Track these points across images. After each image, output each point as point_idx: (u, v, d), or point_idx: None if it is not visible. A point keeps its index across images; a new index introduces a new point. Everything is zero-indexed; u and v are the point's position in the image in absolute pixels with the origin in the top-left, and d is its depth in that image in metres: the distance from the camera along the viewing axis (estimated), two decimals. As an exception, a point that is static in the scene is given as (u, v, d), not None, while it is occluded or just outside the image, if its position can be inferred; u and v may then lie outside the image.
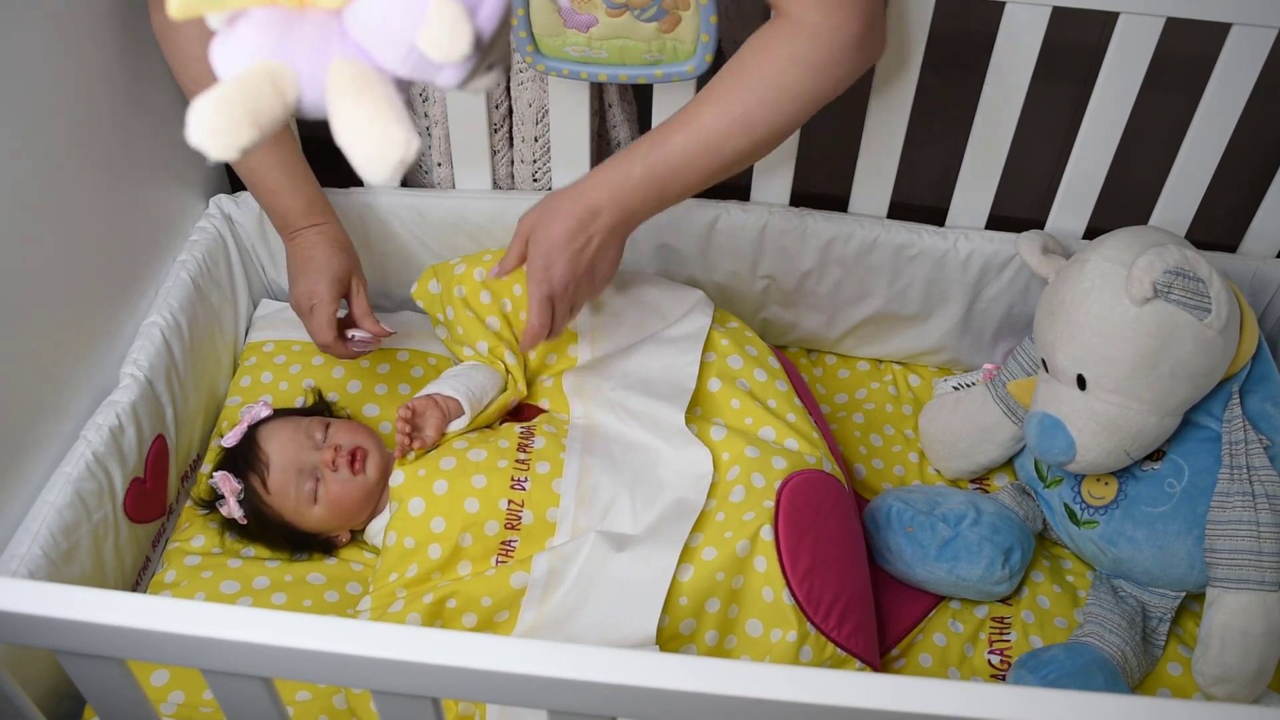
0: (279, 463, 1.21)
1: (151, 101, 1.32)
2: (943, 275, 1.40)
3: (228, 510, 1.23)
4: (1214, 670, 1.14)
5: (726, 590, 1.08)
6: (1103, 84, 1.25)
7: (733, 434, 1.17)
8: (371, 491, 1.23)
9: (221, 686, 0.72)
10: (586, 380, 1.26)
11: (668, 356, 1.25)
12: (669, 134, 1.09)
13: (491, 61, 0.56)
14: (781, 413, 1.21)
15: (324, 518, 1.23)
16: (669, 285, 1.33)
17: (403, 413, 1.17)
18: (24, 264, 1.12)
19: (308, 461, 1.21)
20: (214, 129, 0.51)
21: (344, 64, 0.54)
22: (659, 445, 1.18)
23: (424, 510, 1.13)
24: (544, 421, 1.23)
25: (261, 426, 1.25)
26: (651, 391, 1.22)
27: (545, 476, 1.15)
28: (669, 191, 1.10)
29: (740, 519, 1.10)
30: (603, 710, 0.67)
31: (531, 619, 1.08)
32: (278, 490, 1.21)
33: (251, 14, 0.54)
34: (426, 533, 1.12)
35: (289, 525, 1.23)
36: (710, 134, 1.08)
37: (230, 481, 1.22)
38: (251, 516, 1.23)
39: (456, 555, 1.12)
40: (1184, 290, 1.11)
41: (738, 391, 1.22)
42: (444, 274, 1.35)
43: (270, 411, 1.27)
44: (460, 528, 1.12)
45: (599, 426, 1.22)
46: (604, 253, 1.12)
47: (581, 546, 1.09)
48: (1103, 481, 1.23)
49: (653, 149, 1.09)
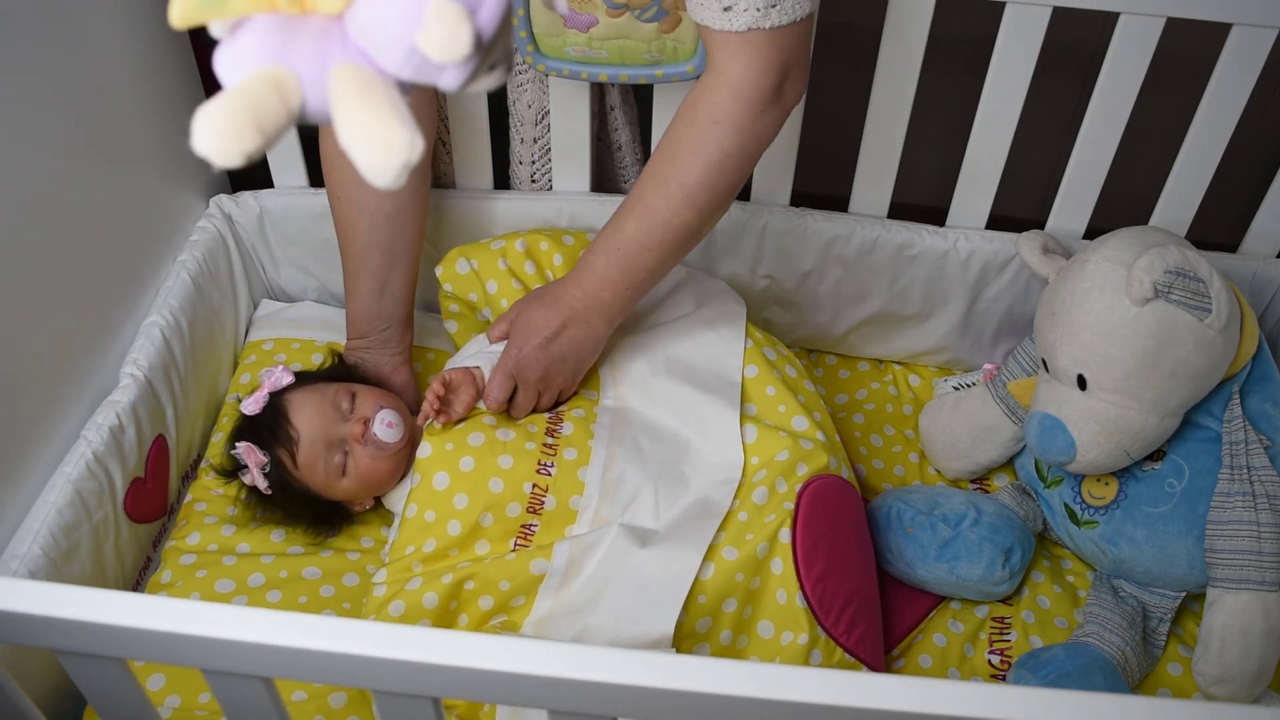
0: (308, 437, 1.19)
1: (152, 102, 1.33)
2: (943, 275, 1.40)
3: (250, 480, 1.21)
4: (1214, 670, 1.14)
5: (744, 591, 1.09)
6: (1103, 84, 1.25)
7: (764, 432, 1.16)
8: (400, 463, 1.23)
9: (222, 686, 0.72)
10: (620, 358, 1.25)
11: (711, 344, 1.24)
12: (622, 221, 1.12)
13: (493, 62, 0.56)
14: (810, 408, 1.22)
15: (352, 490, 1.22)
16: (693, 271, 1.34)
17: (435, 386, 1.16)
18: (24, 263, 1.12)
19: (336, 434, 1.20)
20: (218, 136, 0.51)
21: (346, 68, 0.54)
22: (696, 439, 1.17)
23: (448, 485, 1.12)
24: (573, 406, 1.22)
25: (287, 396, 1.22)
26: (698, 382, 1.21)
27: (572, 463, 1.15)
28: (635, 278, 1.13)
29: (762, 520, 1.10)
30: (604, 710, 0.67)
31: (547, 606, 1.08)
32: (306, 464, 1.19)
33: (253, 21, 0.54)
34: (449, 508, 1.12)
35: (315, 496, 1.22)
36: (656, 214, 1.10)
37: (255, 454, 1.19)
38: (276, 488, 1.21)
39: (475, 534, 1.12)
40: (1184, 290, 1.11)
41: (774, 380, 1.22)
42: (479, 252, 1.33)
43: (292, 378, 1.24)
44: (483, 506, 1.12)
45: (630, 411, 1.21)
46: (577, 344, 1.16)
47: (603, 538, 1.09)
48: (1103, 481, 1.23)
49: (610, 238, 1.13)
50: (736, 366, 1.22)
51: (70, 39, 1.17)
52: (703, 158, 1.07)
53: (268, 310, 1.51)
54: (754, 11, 1.00)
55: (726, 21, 1.01)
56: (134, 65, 1.29)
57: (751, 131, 1.06)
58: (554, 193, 1.43)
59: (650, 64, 1.22)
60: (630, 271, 1.13)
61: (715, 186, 1.08)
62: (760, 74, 1.03)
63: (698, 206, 1.09)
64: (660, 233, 1.10)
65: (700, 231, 1.13)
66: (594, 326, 1.16)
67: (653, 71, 1.22)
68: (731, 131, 1.05)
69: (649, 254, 1.12)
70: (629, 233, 1.11)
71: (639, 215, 1.11)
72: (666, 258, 1.13)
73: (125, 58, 1.27)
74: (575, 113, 1.34)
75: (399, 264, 1.28)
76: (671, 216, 1.09)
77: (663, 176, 1.09)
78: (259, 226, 1.46)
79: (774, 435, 1.16)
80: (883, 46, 1.26)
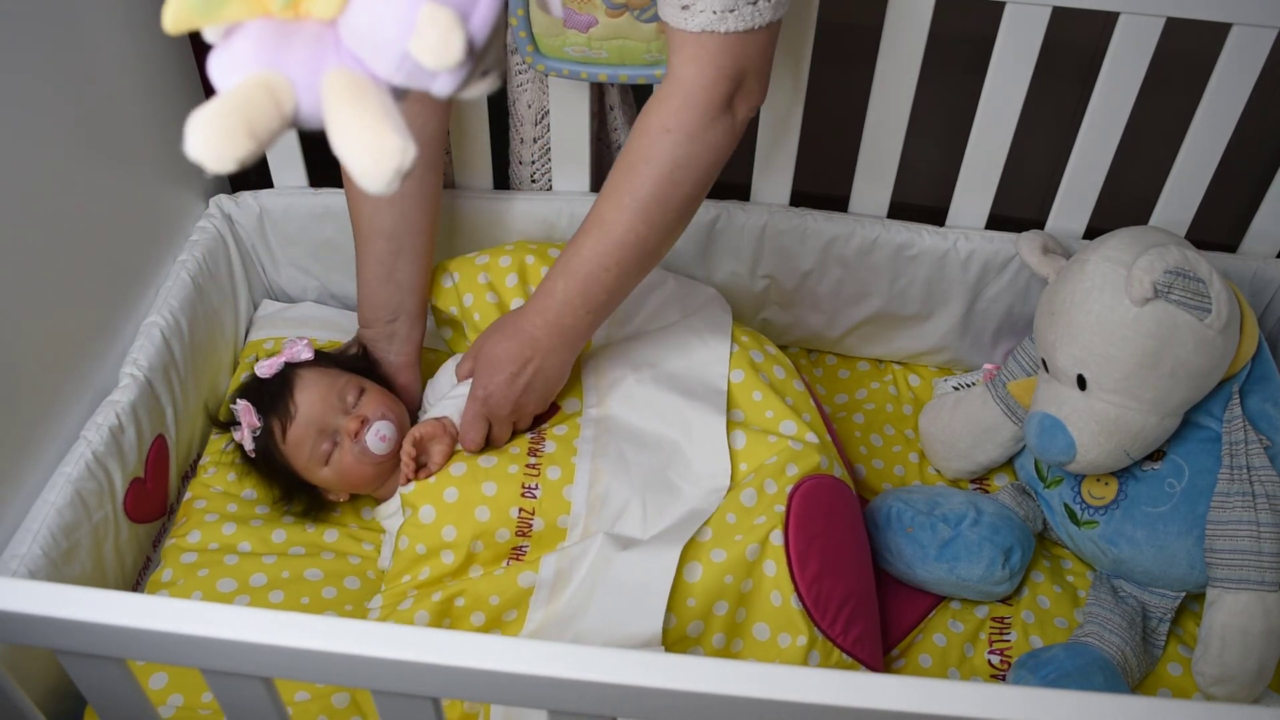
0: (304, 417, 1.20)
1: (152, 102, 1.33)
2: (943, 275, 1.40)
3: (240, 436, 1.23)
4: (1214, 670, 1.14)
5: (735, 593, 1.08)
6: (1103, 84, 1.25)
7: (753, 437, 1.16)
8: (383, 470, 1.23)
9: (222, 686, 0.72)
10: (605, 367, 1.25)
11: (697, 352, 1.24)
12: (580, 240, 1.10)
13: (486, 68, 0.56)
14: (799, 410, 1.21)
15: (330, 480, 1.23)
16: (682, 279, 1.34)
17: (407, 447, 1.16)
18: (24, 263, 1.12)
19: (331, 424, 1.21)
20: (211, 141, 0.51)
21: (339, 73, 0.54)
22: (682, 443, 1.17)
23: (435, 518, 1.13)
24: (556, 423, 1.22)
25: (299, 371, 1.23)
26: (683, 389, 1.20)
27: (556, 483, 1.15)
28: (595, 300, 1.11)
29: (751, 522, 1.10)
30: (603, 710, 0.67)
31: (540, 619, 1.08)
32: (294, 442, 1.21)
33: (247, 26, 0.54)
34: (438, 540, 1.12)
35: (293, 474, 1.23)
36: (612, 230, 1.08)
37: (251, 415, 1.21)
38: (260, 454, 1.23)
39: (469, 561, 1.12)
40: (1184, 290, 1.11)
41: (760, 384, 1.22)
42: (463, 266, 1.33)
43: (311, 355, 1.25)
44: (471, 535, 1.12)
45: (614, 421, 1.20)
46: (543, 376, 1.16)
47: (590, 547, 1.09)
48: (1103, 481, 1.23)
49: (569, 260, 1.11)
50: (722, 374, 1.22)
51: (70, 39, 1.17)
52: (654, 168, 1.05)
53: (268, 310, 1.51)
54: (710, 14, 0.99)
55: (683, 20, 1.00)
56: (134, 66, 1.29)
57: (703, 140, 1.04)
58: (554, 193, 1.43)
59: (650, 64, 1.22)
60: (590, 294, 1.11)
61: (668, 199, 1.06)
62: (712, 80, 1.02)
63: (651, 220, 1.07)
64: (617, 250, 1.08)
65: (657, 248, 1.11)
66: (559, 354, 1.15)
67: (652, 71, 1.22)
68: (683, 139, 1.04)
69: (607, 274, 1.10)
70: (586, 253, 1.10)
71: (595, 233, 1.09)
72: (625, 277, 1.11)
73: (125, 58, 1.27)
74: (575, 113, 1.34)
75: (405, 251, 1.27)
76: (626, 232, 1.07)
77: (617, 190, 1.07)
78: (259, 226, 1.46)
79: (762, 440, 1.16)
80: (883, 46, 1.26)
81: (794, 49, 1.26)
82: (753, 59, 1.03)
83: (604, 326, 1.28)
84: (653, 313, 1.30)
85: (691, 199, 1.09)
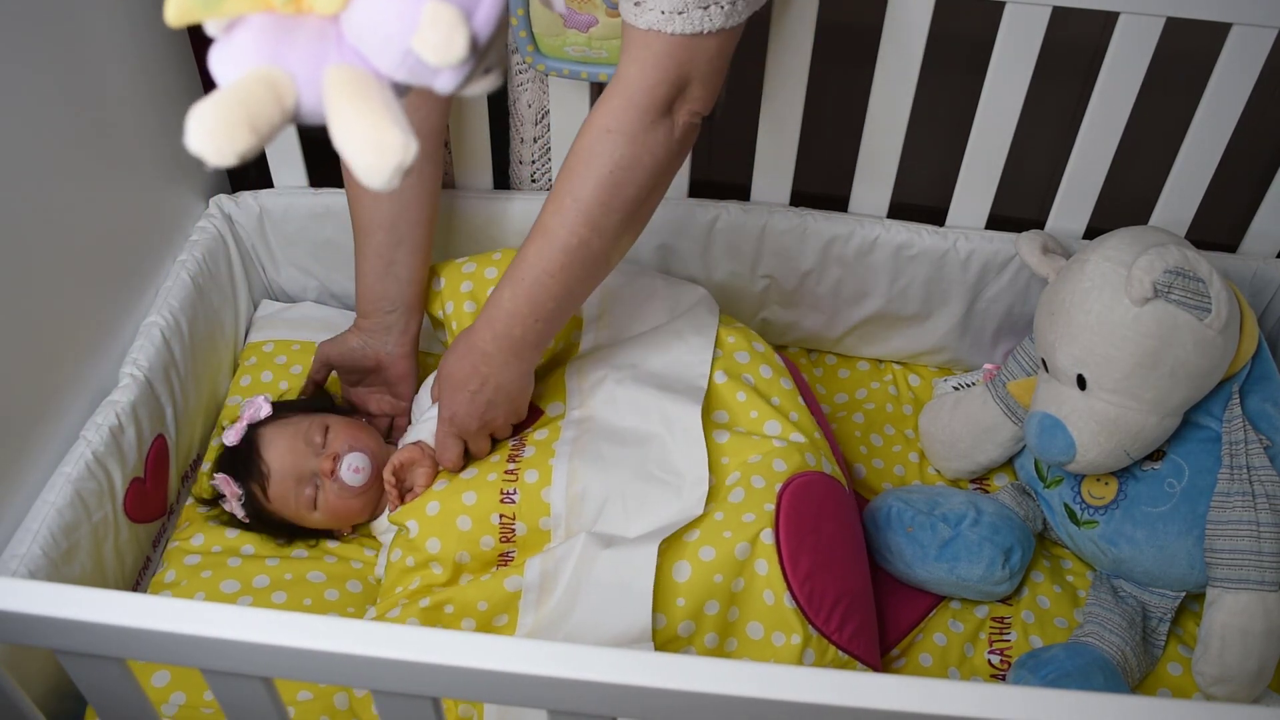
0: (278, 471, 1.22)
1: (152, 101, 1.33)
2: (943, 275, 1.40)
3: (230, 508, 1.25)
4: (1214, 670, 1.14)
5: (726, 593, 1.08)
6: (1103, 84, 1.25)
7: (736, 437, 1.16)
8: (369, 499, 1.24)
9: (222, 686, 0.72)
10: (588, 369, 1.25)
11: (678, 352, 1.24)
12: (525, 247, 1.08)
13: (488, 65, 0.56)
14: (785, 410, 1.21)
15: (324, 521, 1.25)
16: (673, 280, 1.33)
17: (388, 475, 1.17)
18: (24, 263, 1.12)
19: (306, 469, 1.22)
20: (212, 134, 0.51)
21: (340, 69, 0.54)
22: (662, 433, 1.17)
23: (419, 532, 1.13)
24: (537, 427, 1.22)
25: (261, 429, 1.25)
26: (662, 385, 1.20)
27: (534, 486, 1.14)
28: (543, 308, 1.09)
29: (739, 520, 1.10)
30: (603, 710, 0.67)
31: (530, 622, 1.08)
32: (278, 497, 1.23)
33: (249, 21, 0.54)
34: (424, 553, 1.13)
35: (290, 524, 1.25)
36: (555, 235, 1.06)
37: (231, 486, 1.23)
38: (253, 517, 1.25)
39: (458, 572, 1.13)
40: (1184, 290, 1.11)
41: (744, 386, 1.21)
42: (449, 272, 1.34)
43: (270, 411, 1.27)
44: (456, 546, 1.12)
45: (594, 419, 1.20)
46: (502, 389, 1.14)
47: (573, 548, 1.09)
48: (1103, 481, 1.23)
49: (515, 268, 1.09)
50: (703, 373, 1.21)
51: (70, 39, 1.17)
52: (595, 169, 1.03)
53: (268, 311, 1.51)
54: (658, 13, 0.97)
55: (634, 16, 0.99)
56: (134, 65, 1.29)
57: (643, 143, 1.02)
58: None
59: (650, 64, 1.22)
60: (537, 302, 1.09)
61: (610, 202, 1.04)
62: (654, 81, 1.00)
63: (595, 224, 1.05)
64: (560, 256, 1.06)
65: (606, 255, 1.08)
66: (512, 367, 1.13)
67: (652, 71, 1.22)
68: (623, 140, 1.02)
69: (553, 281, 1.07)
70: (530, 259, 1.07)
71: (539, 239, 1.07)
72: (573, 284, 1.09)
73: (125, 58, 1.27)
74: (575, 113, 1.34)
75: (404, 243, 1.27)
76: (569, 237, 1.05)
77: (560, 194, 1.05)
78: (259, 226, 1.46)
79: (746, 440, 1.16)
80: (882, 46, 1.26)
81: (794, 49, 1.26)
82: (698, 65, 1.00)
83: (591, 331, 1.29)
84: (640, 315, 1.30)
85: (634, 202, 1.06)
